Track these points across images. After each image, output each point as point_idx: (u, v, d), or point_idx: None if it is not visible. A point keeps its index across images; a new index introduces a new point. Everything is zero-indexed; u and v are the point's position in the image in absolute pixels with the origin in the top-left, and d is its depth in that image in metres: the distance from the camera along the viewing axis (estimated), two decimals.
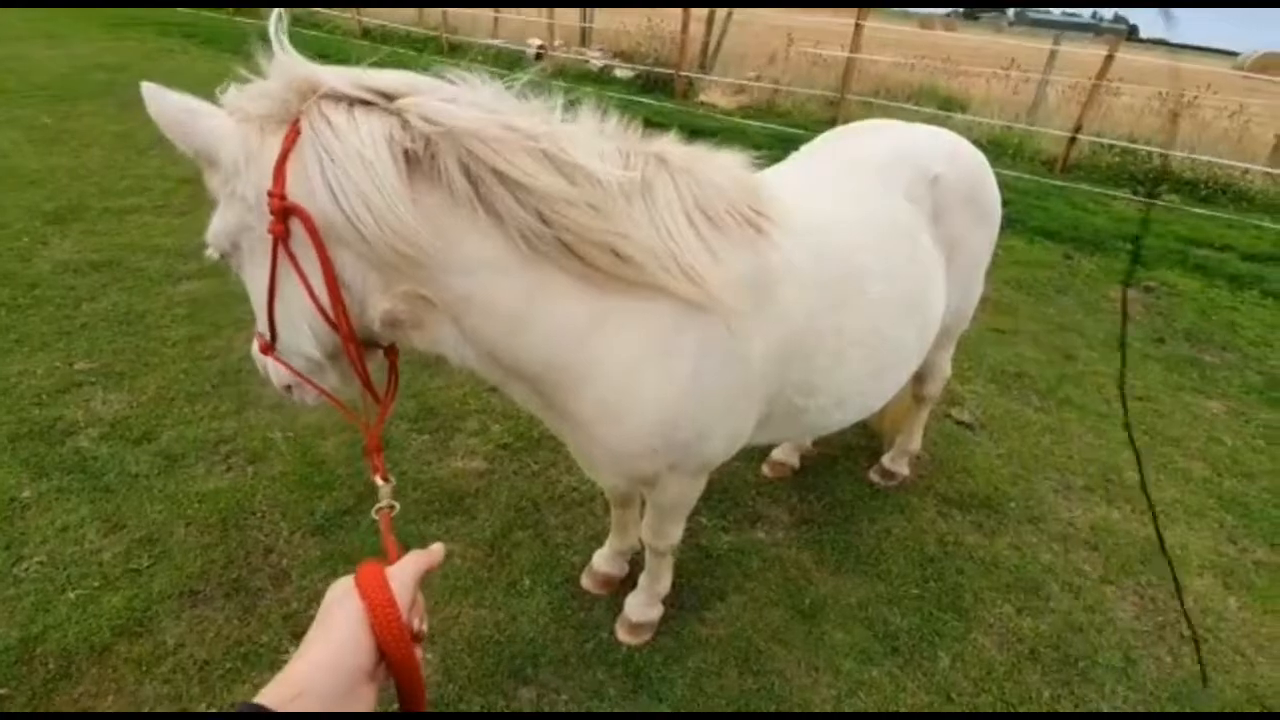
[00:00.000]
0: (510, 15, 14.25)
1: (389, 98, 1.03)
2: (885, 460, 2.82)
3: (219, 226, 1.12)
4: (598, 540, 2.32)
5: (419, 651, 0.67)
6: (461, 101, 1.08)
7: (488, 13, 14.63)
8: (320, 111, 1.01)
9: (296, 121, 1.02)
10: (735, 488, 2.71)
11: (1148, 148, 8.30)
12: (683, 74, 11.02)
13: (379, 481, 1.02)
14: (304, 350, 1.18)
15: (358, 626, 0.61)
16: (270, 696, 0.55)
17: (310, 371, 1.22)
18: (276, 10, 1.05)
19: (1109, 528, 2.68)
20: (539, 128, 1.11)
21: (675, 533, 1.83)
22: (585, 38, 13.47)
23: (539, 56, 12.72)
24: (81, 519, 2.29)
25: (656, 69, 11.40)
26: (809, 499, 2.70)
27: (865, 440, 3.03)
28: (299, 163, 1.01)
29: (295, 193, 1.02)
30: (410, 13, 15.37)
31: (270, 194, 1.02)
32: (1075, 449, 3.15)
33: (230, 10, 16.55)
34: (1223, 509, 2.85)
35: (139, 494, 2.42)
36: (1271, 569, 2.56)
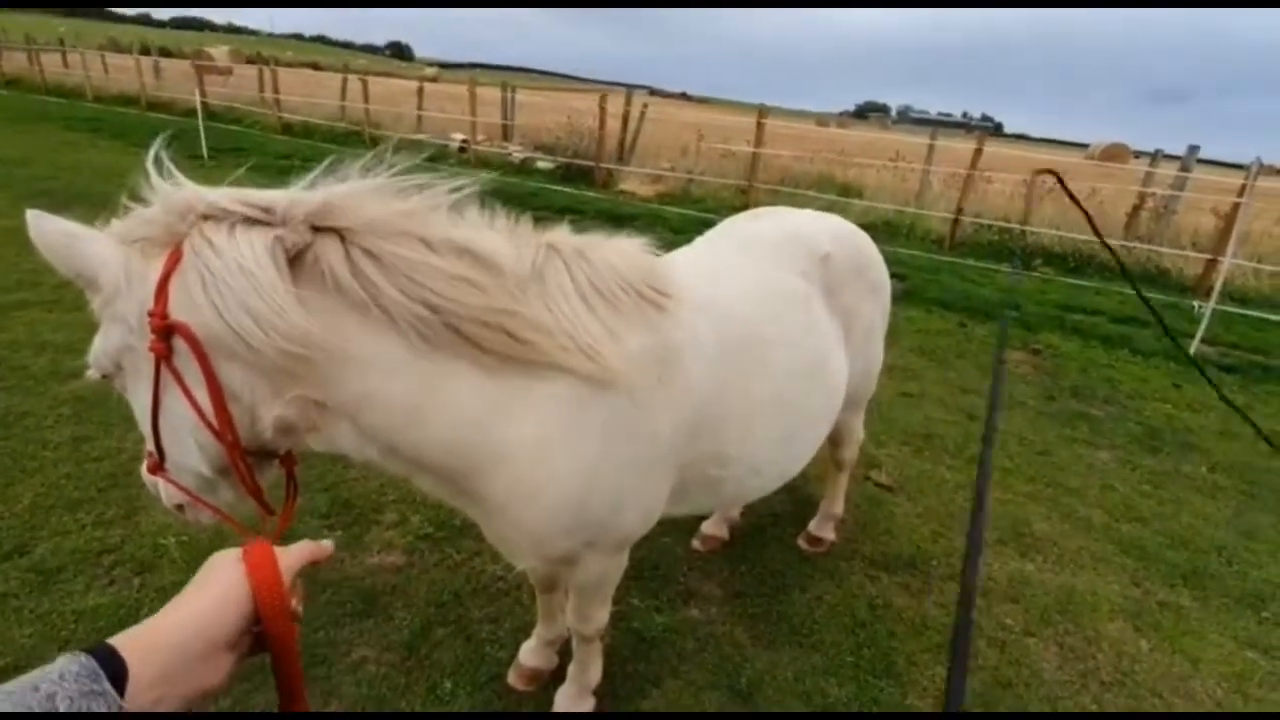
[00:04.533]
0: (434, 113, 14.74)
1: (270, 211, 1.04)
2: (812, 527, 2.86)
3: (101, 347, 1.09)
4: (525, 632, 2.21)
5: (296, 629, 0.69)
6: (343, 183, 1.11)
7: (410, 109, 15.08)
8: (201, 232, 1.01)
9: (179, 244, 1.02)
10: (667, 564, 2.67)
11: (1021, 226, 9.25)
12: (602, 165, 11.58)
13: None
14: (192, 467, 1.13)
15: (234, 594, 0.63)
16: (126, 644, 0.55)
17: (202, 489, 1.17)
18: (160, 138, 1.07)
19: (1025, 579, 2.79)
20: (419, 205, 1.14)
21: (601, 615, 1.77)
22: (507, 133, 14.02)
23: (462, 150, 13.11)
24: None
25: (577, 161, 11.95)
26: (740, 570, 2.69)
27: (792, 507, 3.08)
28: (181, 282, 1.01)
29: (178, 311, 1.01)
30: (332, 108, 15.64)
31: (151, 313, 1.00)
32: (987, 504, 3.30)
33: (141, 106, 16.29)
34: (1124, 553, 3.02)
35: (7, 616, 2.15)
36: (1174, 609, 2.71)
